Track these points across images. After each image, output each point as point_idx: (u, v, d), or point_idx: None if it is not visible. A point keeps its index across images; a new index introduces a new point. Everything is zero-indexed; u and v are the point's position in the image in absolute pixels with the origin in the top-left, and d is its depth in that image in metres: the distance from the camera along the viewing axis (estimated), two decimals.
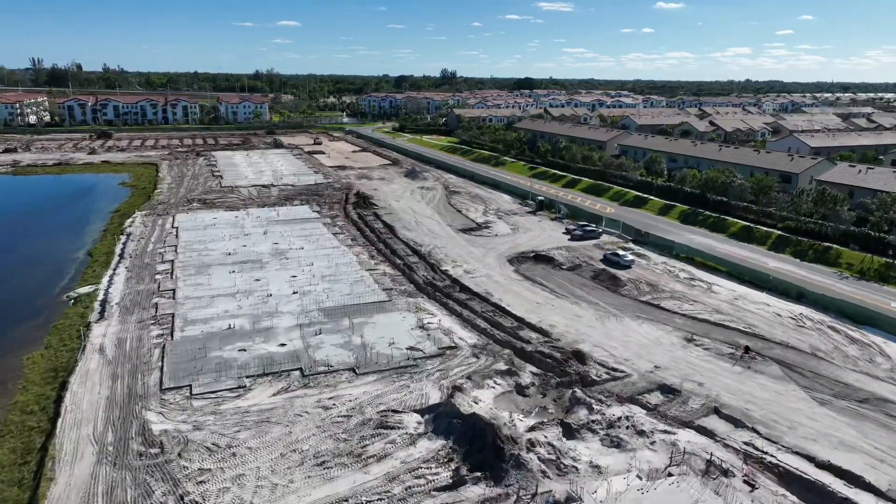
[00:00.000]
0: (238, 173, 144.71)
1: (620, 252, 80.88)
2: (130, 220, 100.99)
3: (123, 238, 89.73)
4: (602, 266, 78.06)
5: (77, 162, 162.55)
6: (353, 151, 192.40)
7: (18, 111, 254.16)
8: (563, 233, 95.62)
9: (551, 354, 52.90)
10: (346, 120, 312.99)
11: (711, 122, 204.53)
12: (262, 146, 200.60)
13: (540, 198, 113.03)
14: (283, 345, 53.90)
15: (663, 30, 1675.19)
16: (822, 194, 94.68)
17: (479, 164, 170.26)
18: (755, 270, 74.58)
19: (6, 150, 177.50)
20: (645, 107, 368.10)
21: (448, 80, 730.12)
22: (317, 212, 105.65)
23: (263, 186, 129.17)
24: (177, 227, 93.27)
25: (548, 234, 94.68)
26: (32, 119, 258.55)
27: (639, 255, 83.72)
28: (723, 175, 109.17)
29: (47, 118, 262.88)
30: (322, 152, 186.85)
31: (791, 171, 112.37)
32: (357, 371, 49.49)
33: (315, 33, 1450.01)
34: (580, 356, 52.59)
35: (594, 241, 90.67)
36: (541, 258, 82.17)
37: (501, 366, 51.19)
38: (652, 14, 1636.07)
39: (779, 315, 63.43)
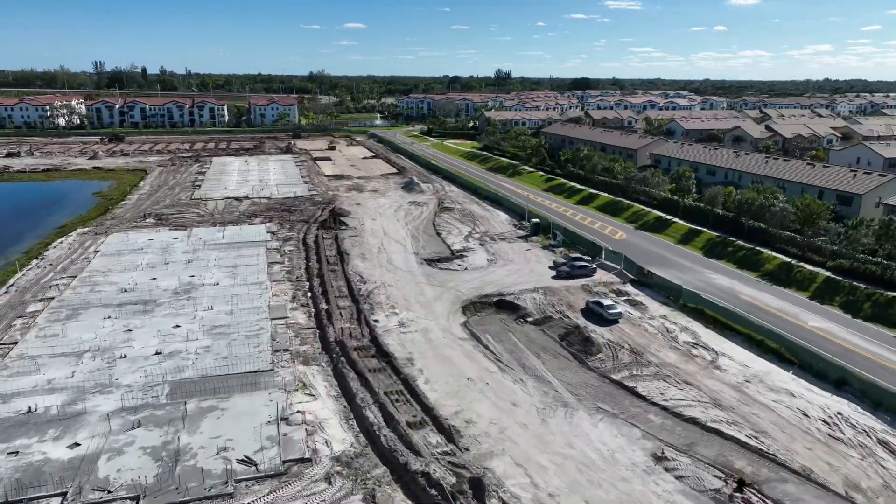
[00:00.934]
0: (220, 183, 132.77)
1: (606, 302, 62.55)
2: (63, 238, 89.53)
3: (34, 262, 77.88)
4: (578, 321, 60.05)
5: (69, 167, 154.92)
6: (364, 158, 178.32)
7: (49, 113, 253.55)
8: (550, 266, 77.73)
9: (441, 480, 36.01)
10: (378, 122, 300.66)
11: (768, 127, 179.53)
12: (272, 151, 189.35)
13: (535, 220, 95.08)
14: (76, 444, 39.17)
15: (737, 27, 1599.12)
16: (889, 225, 73.17)
17: (494, 173, 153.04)
18: (783, 335, 54.92)
19: (8, 155, 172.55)
20: (703, 108, 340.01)
21: (502, 81, 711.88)
22: (272, 232, 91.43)
23: (236, 199, 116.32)
24: (97, 251, 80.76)
25: (530, 269, 77.04)
26: (62, 121, 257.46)
27: (633, 304, 65.21)
28: (762, 195, 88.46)
29: (76, 121, 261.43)
30: (329, 159, 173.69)
31: (852, 192, 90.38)
32: (141, 502, 34.13)
33: (379, 35, 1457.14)
34: (479, 488, 35.46)
35: (585, 280, 72.53)
36: (505, 304, 64.87)
37: (357, 500, 34.77)
38: (725, 11, 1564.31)
39: (806, 415, 44.26)
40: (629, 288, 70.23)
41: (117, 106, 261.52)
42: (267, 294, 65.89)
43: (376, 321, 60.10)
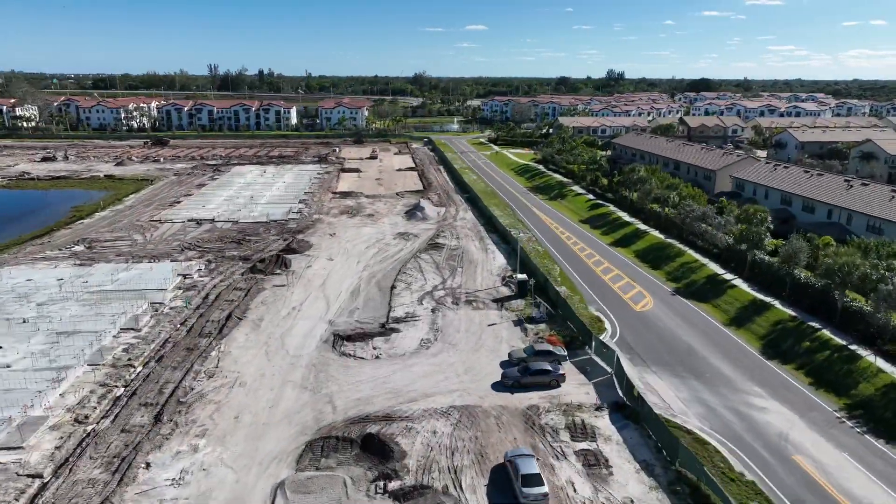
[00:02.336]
0: (206, 199, 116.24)
1: (527, 468, 35.78)
2: None
3: None
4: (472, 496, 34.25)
5: (83, 175, 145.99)
6: (399, 170, 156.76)
7: (123, 116, 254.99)
8: (503, 362, 51.62)
9: None
10: (454, 127, 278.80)
11: None
12: (307, 160, 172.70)
13: (521, 276, 68.35)
14: None
15: None
16: None
17: (537, 194, 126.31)
18: None
19: (44, 159, 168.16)
20: (838, 114, 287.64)
21: (613, 82, 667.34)
22: (183, 275, 71.71)
23: (197, 222, 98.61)
24: None
25: (472, 362, 51.43)
26: (135, 124, 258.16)
27: (590, 463, 38.11)
28: (868, 260, 56.77)
29: (146, 123, 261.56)
30: (358, 171, 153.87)
31: None
32: None
33: (500, 37, 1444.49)
34: None
35: (542, 394, 46.08)
36: (375, 447, 40.00)
37: None
38: (884, 3, 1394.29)
39: None
40: (602, 422, 42.82)
41: (186, 109, 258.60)
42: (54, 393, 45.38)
43: (146, 465, 37.68)
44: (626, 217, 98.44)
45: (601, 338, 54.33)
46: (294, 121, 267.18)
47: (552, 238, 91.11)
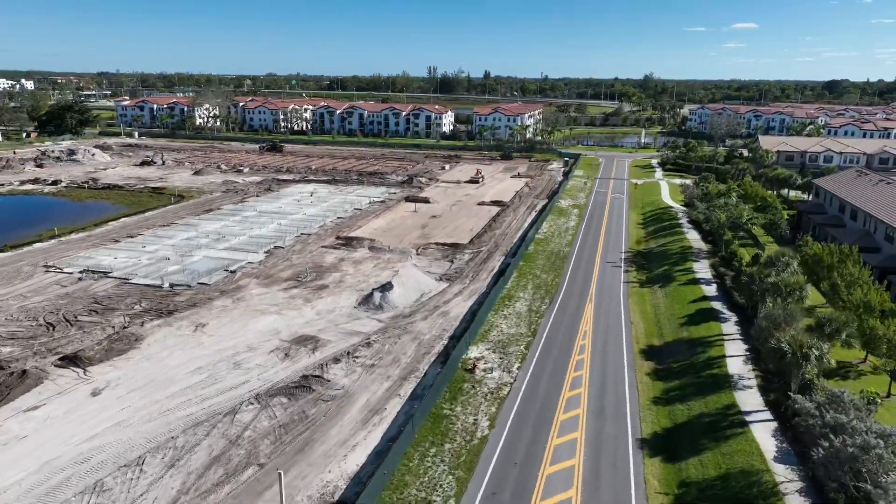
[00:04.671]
0: (170, 234, 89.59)
1: None
2: None
3: None
4: None
5: (135, 186, 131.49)
6: (481, 203, 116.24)
7: (282, 117, 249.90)
8: None
9: None
10: (642, 140, 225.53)
11: None
12: (388, 180, 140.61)
13: None
14: None
15: None
16: None
17: (631, 269, 78.10)
18: None
19: (142, 163, 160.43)
20: None
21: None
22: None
23: (93, 272, 71.40)
24: None
25: None
26: (296, 126, 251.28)
27: None
28: None
29: (300, 126, 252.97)
30: (427, 200, 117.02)
31: None
32: None
33: (773, 35, 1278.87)
34: None
35: None
36: None
37: None
38: None
39: None
40: None
41: (338, 112, 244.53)
42: None
43: None
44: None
45: None
46: (447, 128, 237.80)
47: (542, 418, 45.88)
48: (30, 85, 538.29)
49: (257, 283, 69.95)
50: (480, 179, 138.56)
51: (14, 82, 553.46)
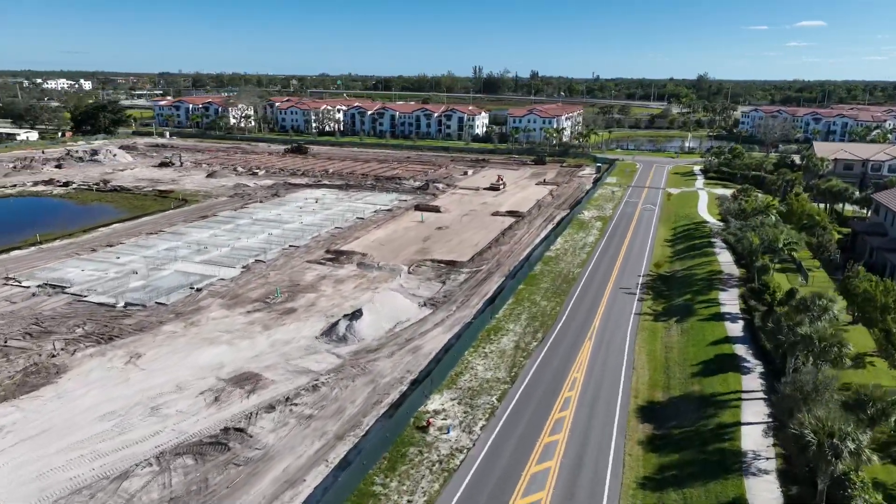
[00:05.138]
0: (150, 244, 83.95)
1: None
2: None
3: None
4: None
5: (144, 188, 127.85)
6: (495, 214, 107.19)
7: (314, 118, 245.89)
8: None
9: None
10: (687, 144, 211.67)
11: None
12: (403, 186, 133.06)
13: None
14: None
15: None
16: None
17: (647, 296, 68.41)
18: None
19: (161, 164, 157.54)
20: None
21: None
22: None
23: (51, 287, 66.09)
24: None
25: None
26: (327, 127, 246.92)
27: None
28: None
29: (331, 127, 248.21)
30: (437, 209, 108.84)
31: None
32: None
33: (842, 33, 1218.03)
34: None
35: None
36: None
37: None
38: None
39: None
40: None
41: (369, 112, 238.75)
42: None
43: None
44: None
45: None
46: (480, 130, 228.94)
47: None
48: (88, 85, 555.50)
49: (221, 304, 63.21)
50: (501, 186, 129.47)
51: (73, 82, 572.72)
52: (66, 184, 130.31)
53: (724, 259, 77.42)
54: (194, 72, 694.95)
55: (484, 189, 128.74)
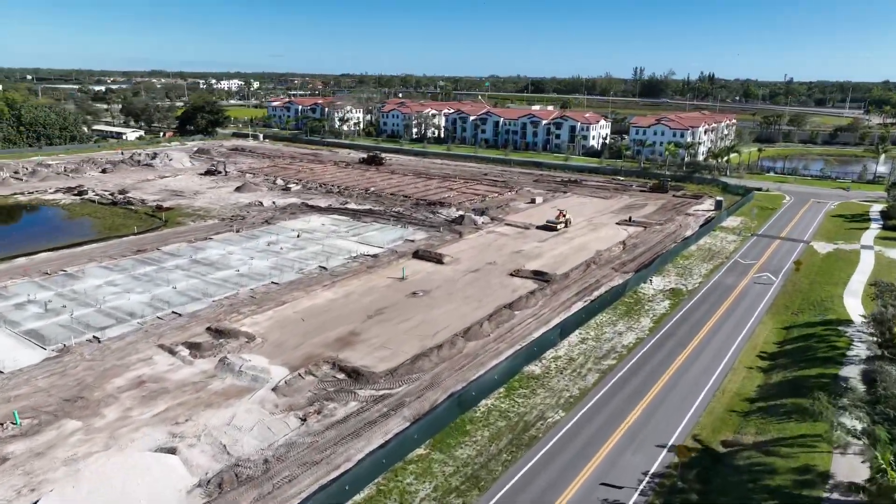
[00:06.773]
0: (68, 293, 64.32)
1: None
2: None
3: None
4: None
5: (151, 202, 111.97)
6: (513, 275, 74.81)
7: (414, 122, 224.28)
8: None
9: None
10: (878, 170, 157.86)
11: None
12: (433, 220, 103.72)
13: None
14: None
15: None
16: None
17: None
18: None
19: (207, 172, 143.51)
20: None
21: None
22: None
23: None
24: None
25: None
26: (429, 132, 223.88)
27: None
28: None
29: (431, 133, 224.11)
30: (439, 259, 78.74)
31: None
32: None
33: None
34: None
35: None
36: None
37: None
38: None
39: None
40: None
41: (471, 119, 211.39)
42: None
43: None
44: None
45: None
46: (596, 141, 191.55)
47: None
48: (256, 84, 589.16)
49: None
50: (561, 226, 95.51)
51: (241, 82, 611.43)
52: (79, 193, 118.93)
53: (856, 424, 39.52)
54: (368, 73, 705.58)
55: (537, 227, 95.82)
